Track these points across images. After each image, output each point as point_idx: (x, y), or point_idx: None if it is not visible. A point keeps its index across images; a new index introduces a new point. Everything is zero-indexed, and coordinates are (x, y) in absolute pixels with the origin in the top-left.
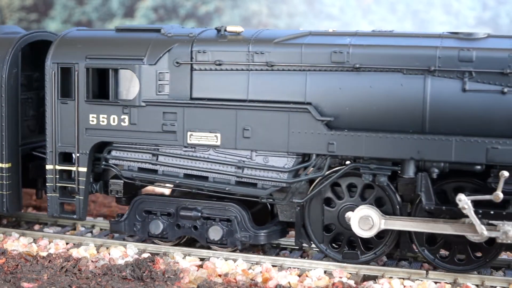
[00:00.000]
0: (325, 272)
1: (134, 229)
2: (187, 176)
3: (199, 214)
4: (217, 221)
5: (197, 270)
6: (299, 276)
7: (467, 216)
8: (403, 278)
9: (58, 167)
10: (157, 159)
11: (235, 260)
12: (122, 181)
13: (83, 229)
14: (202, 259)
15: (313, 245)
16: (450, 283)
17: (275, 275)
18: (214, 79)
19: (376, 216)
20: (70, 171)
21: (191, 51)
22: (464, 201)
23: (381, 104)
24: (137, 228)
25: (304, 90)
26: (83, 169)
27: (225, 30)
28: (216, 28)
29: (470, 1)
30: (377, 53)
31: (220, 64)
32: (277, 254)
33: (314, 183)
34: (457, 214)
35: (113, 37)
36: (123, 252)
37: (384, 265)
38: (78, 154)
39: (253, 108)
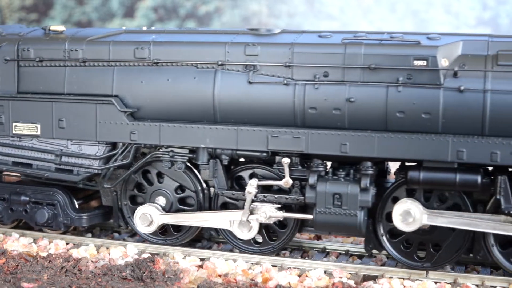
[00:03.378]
0: (325, 272)
1: None
2: (15, 163)
3: (28, 198)
4: (44, 205)
5: (197, 270)
6: (299, 276)
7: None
8: (403, 278)
9: None
10: None
11: (235, 260)
12: None
13: None
14: (202, 259)
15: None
16: (450, 283)
17: (275, 275)
18: (37, 74)
19: (155, 213)
20: None
21: (17, 49)
22: (251, 186)
23: (178, 96)
24: None
25: (111, 84)
26: None
27: (49, 30)
28: (42, 28)
29: (470, 1)
30: (174, 49)
31: (41, 61)
32: (277, 254)
33: (129, 170)
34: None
35: None
36: (123, 252)
37: (384, 265)
38: None
39: (67, 100)
